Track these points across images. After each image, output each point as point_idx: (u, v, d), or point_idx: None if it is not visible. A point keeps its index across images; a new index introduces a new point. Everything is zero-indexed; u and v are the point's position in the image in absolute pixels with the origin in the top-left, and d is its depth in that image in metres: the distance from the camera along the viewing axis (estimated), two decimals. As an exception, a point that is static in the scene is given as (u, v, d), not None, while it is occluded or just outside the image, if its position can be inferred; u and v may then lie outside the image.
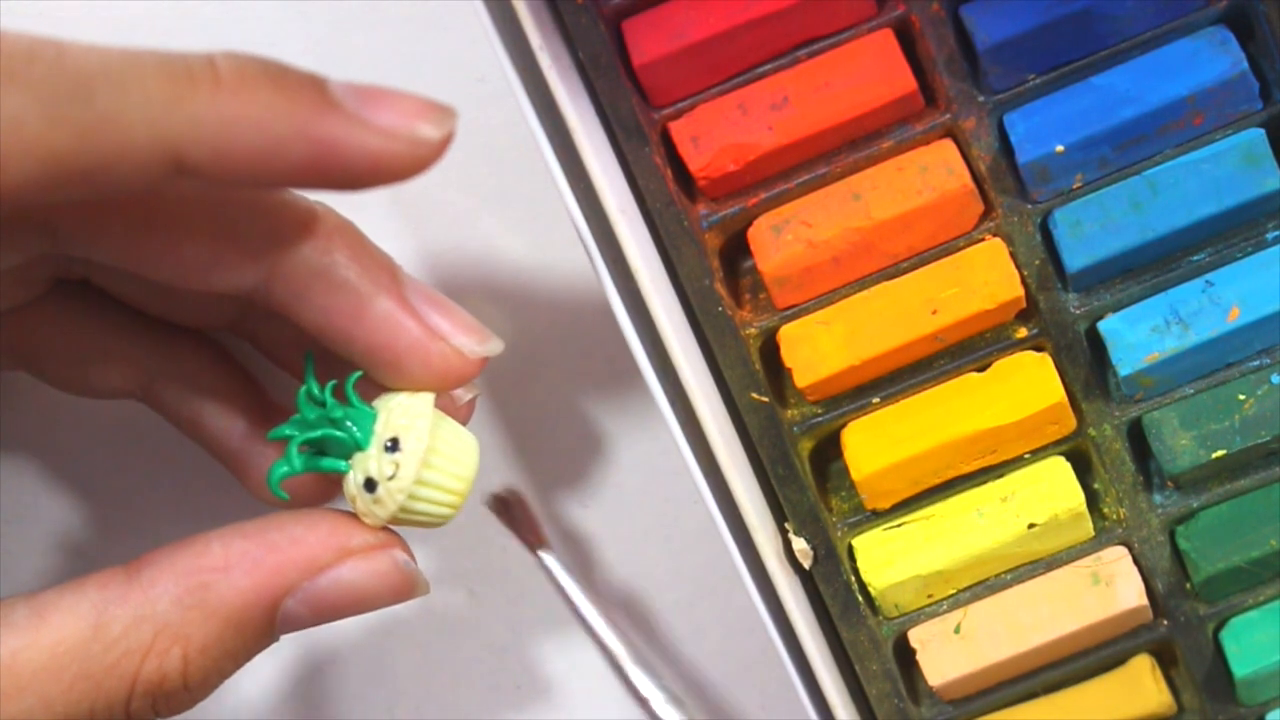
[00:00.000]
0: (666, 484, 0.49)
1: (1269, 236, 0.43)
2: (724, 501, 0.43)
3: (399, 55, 0.47)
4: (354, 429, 0.40)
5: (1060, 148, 0.42)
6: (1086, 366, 0.44)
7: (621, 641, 0.42)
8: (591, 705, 0.49)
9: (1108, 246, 0.43)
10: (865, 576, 0.44)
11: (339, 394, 0.40)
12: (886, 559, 0.44)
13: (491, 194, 0.48)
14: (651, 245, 0.43)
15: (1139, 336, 0.43)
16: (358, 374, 0.40)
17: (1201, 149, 0.43)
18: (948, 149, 0.43)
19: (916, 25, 0.43)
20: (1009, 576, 0.44)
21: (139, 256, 0.39)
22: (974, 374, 0.44)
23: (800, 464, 0.44)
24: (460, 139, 0.37)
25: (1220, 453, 0.43)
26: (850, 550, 0.44)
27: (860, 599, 0.44)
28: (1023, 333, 0.44)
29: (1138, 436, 0.44)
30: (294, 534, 0.39)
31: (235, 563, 0.39)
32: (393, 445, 0.39)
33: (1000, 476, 0.44)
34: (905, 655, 0.45)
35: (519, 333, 0.48)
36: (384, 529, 0.40)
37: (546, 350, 0.48)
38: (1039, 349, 0.44)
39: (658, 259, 0.43)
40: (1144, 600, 0.44)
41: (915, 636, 0.44)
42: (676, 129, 0.43)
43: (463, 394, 0.43)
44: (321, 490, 0.43)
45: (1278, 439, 0.43)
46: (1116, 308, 0.43)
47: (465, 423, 0.43)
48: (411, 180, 0.37)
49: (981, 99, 0.43)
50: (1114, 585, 0.44)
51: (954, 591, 0.44)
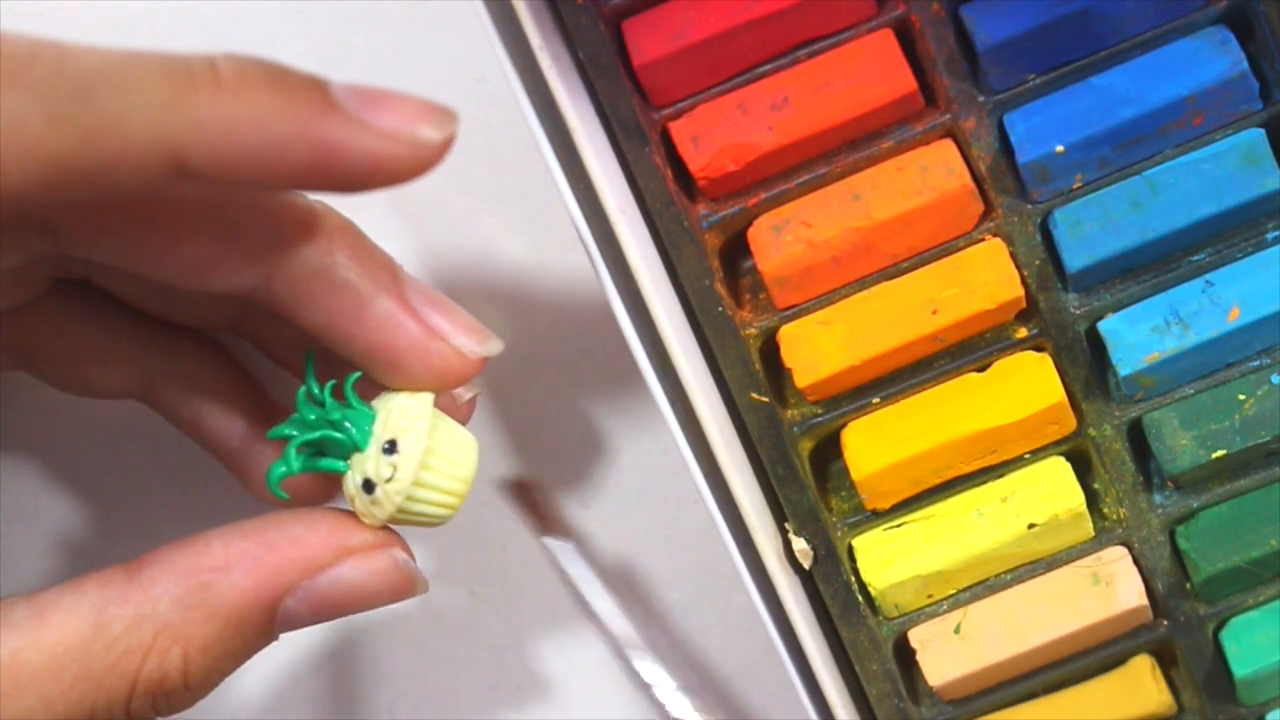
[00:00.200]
0: (666, 484, 0.49)
1: (1269, 236, 0.43)
2: (724, 501, 0.43)
3: (399, 55, 0.47)
4: (352, 430, 0.40)
5: (1060, 148, 0.42)
6: (1086, 366, 0.44)
7: (632, 628, 0.42)
8: (591, 705, 0.49)
9: (1108, 246, 0.43)
10: (865, 576, 0.44)
11: (338, 394, 0.40)
12: (886, 559, 0.44)
13: (491, 194, 0.48)
14: (651, 245, 0.43)
15: (1139, 336, 0.43)
16: (356, 374, 0.40)
17: (1201, 149, 0.43)
18: (948, 149, 0.43)
19: (916, 25, 0.43)
20: (1009, 576, 0.44)
21: (139, 256, 0.39)
22: (974, 374, 0.44)
23: (800, 464, 0.44)
24: (460, 139, 0.37)
25: (1220, 453, 0.43)
26: (850, 550, 0.44)
27: (860, 599, 0.44)
28: (1023, 333, 0.44)
29: (1138, 436, 0.44)
30: (294, 533, 0.39)
31: (235, 562, 0.39)
32: (390, 447, 0.39)
33: (1000, 476, 0.44)
34: (905, 655, 0.45)
35: (519, 333, 0.48)
36: (383, 528, 0.40)
37: (546, 350, 0.48)
38: (1039, 349, 0.44)
39: (658, 259, 0.43)
40: (1144, 600, 0.44)
41: (915, 636, 0.44)
42: (676, 129, 0.43)
43: (463, 393, 0.43)
44: (321, 489, 0.43)
45: (1278, 439, 0.43)
46: (1116, 308, 0.43)
47: (465, 421, 0.43)
48: (412, 182, 0.37)
49: (981, 99, 0.43)
50: (1114, 585, 0.44)
51: (954, 591, 0.44)
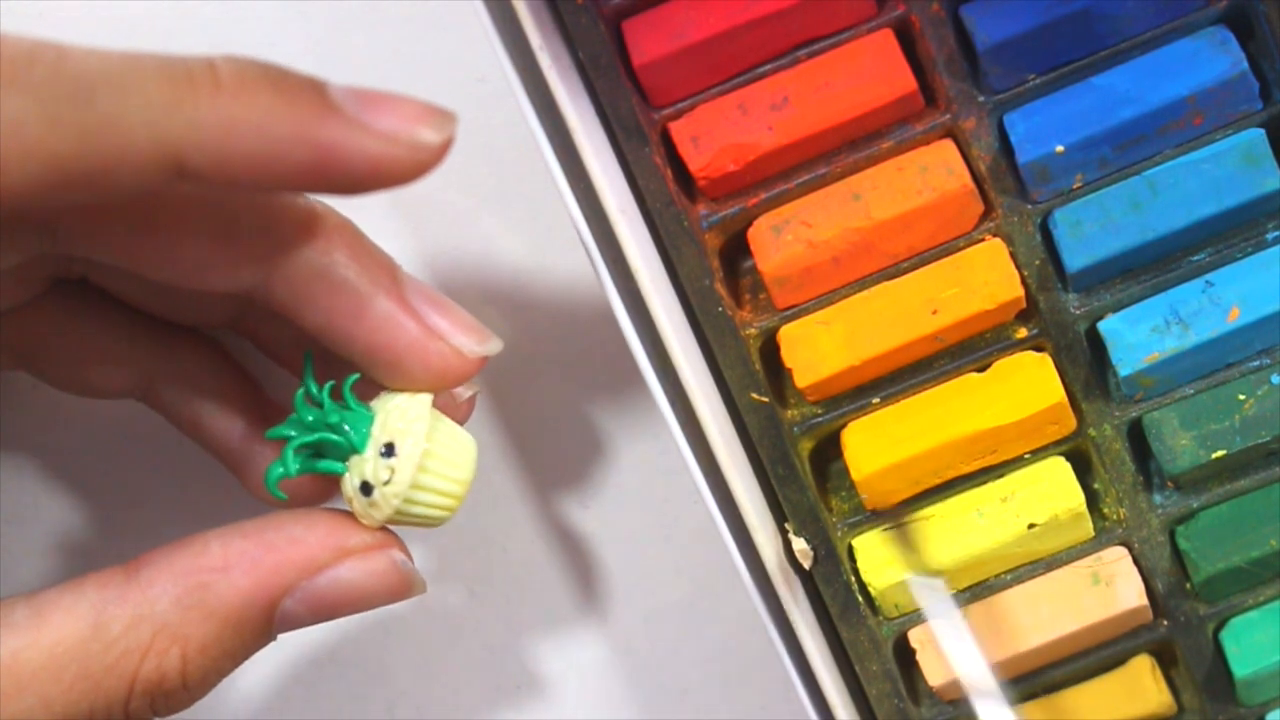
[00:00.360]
0: (666, 484, 0.49)
1: (1269, 236, 0.43)
2: (724, 501, 0.43)
3: (399, 55, 0.47)
4: (350, 432, 0.40)
5: (1060, 148, 0.42)
6: (1086, 366, 0.44)
7: (987, 674, 0.41)
8: (591, 705, 0.49)
9: (1108, 246, 0.43)
10: (865, 577, 0.44)
11: (336, 395, 0.40)
12: (887, 559, 0.44)
13: (491, 194, 0.48)
14: (651, 245, 0.43)
15: (1139, 336, 0.43)
16: (355, 376, 0.40)
17: (1201, 149, 0.43)
18: (948, 149, 0.43)
19: (916, 25, 0.43)
20: (1009, 576, 0.44)
21: (138, 256, 0.39)
22: (974, 374, 0.44)
23: (800, 464, 0.44)
24: (460, 139, 0.37)
25: (1220, 453, 0.43)
26: (850, 550, 0.44)
27: (860, 599, 0.44)
28: (1023, 333, 0.44)
29: (1138, 436, 0.44)
30: (292, 534, 0.39)
31: (234, 562, 0.39)
32: (388, 450, 0.39)
33: (1000, 477, 0.44)
34: (905, 655, 0.45)
35: (519, 333, 0.48)
36: (381, 529, 0.40)
37: (546, 350, 0.48)
38: (1039, 349, 0.44)
39: (658, 259, 0.43)
40: (1144, 600, 0.44)
41: (915, 636, 0.44)
42: (676, 129, 0.43)
43: (462, 391, 0.43)
44: (320, 489, 0.43)
45: (1278, 439, 0.43)
46: (1116, 308, 0.43)
47: (465, 420, 0.43)
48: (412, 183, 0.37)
49: (981, 99, 0.43)
50: (1114, 585, 0.44)
51: (954, 591, 0.44)
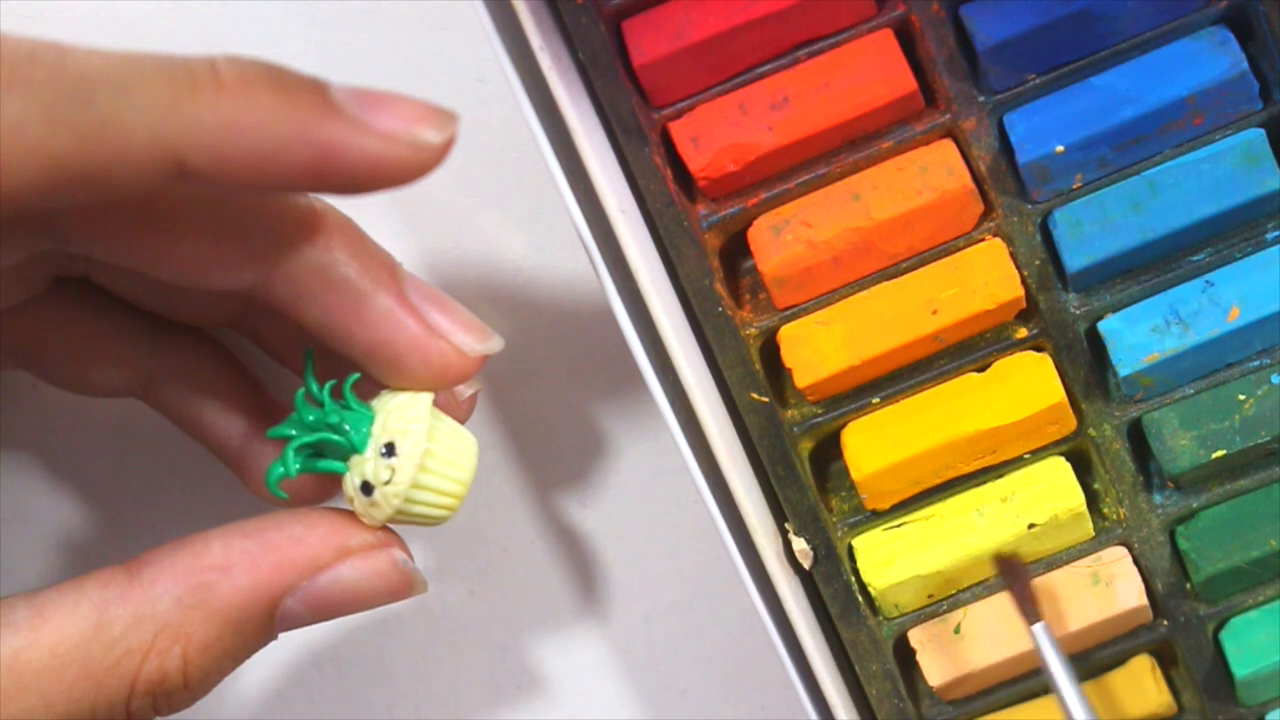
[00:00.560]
0: (666, 484, 0.49)
1: (1269, 236, 0.43)
2: (724, 501, 0.43)
3: (399, 55, 0.47)
4: (350, 432, 0.40)
5: (1060, 148, 0.42)
6: (1086, 366, 0.44)
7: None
8: (591, 705, 0.49)
9: (1108, 247, 0.43)
10: (865, 577, 0.44)
11: (337, 395, 0.40)
12: (886, 559, 0.44)
13: (491, 194, 0.48)
14: (651, 245, 0.43)
15: (1139, 336, 0.43)
16: (356, 376, 0.40)
17: (1201, 149, 0.43)
18: (948, 149, 0.43)
19: (916, 25, 0.43)
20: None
21: (139, 254, 0.39)
22: (974, 374, 0.44)
23: (800, 464, 0.44)
24: (460, 139, 0.37)
25: (1220, 453, 0.43)
26: (850, 550, 0.44)
27: (860, 599, 0.44)
28: (1023, 333, 0.44)
29: (1138, 436, 0.44)
30: (293, 533, 0.39)
31: (235, 562, 0.39)
32: (388, 450, 0.39)
33: (1000, 477, 0.44)
34: (905, 655, 0.45)
35: (519, 333, 0.48)
36: (382, 528, 0.40)
37: (546, 350, 0.48)
38: (1039, 349, 0.44)
39: (658, 259, 0.43)
40: (1144, 600, 0.44)
41: (915, 636, 0.44)
42: (676, 129, 0.43)
43: (464, 389, 0.43)
44: (321, 488, 0.43)
45: (1278, 439, 0.43)
46: (1116, 308, 0.43)
47: (466, 418, 0.43)
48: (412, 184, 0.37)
49: (981, 99, 0.43)
50: (1114, 585, 0.44)
51: (954, 591, 0.44)
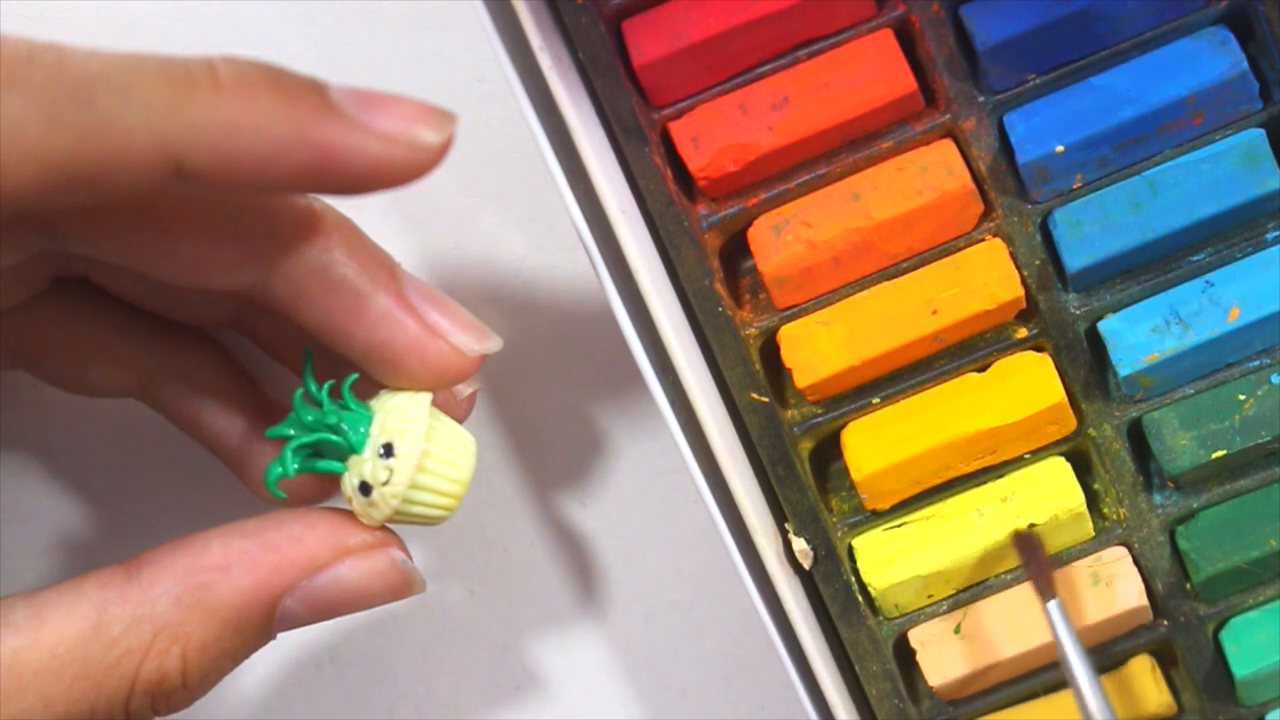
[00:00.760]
0: (666, 484, 0.49)
1: (1269, 236, 0.43)
2: (724, 501, 0.43)
3: (399, 55, 0.47)
4: (349, 433, 0.39)
5: (1060, 148, 0.42)
6: (1086, 367, 0.44)
7: (1105, 704, 0.41)
8: (591, 705, 0.49)
9: (1108, 247, 0.43)
10: (865, 577, 0.44)
11: (336, 395, 0.40)
12: (886, 559, 0.44)
13: (491, 194, 0.48)
14: (651, 245, 0.43)
15: (1139, 337, 0.43)
16: (354, 376, 0.40)
17: (1201, 149, 0.43)
18: (948, 149, 0.43)
19: (916, 25, 0.43)
20: (1009, 577, 0.44)
21: (138, 254, 0.39)
22: (974, 374, 0.44)
23: (800, 464, 0.44)
24: (460, 139, 0.37)
25: (1220, 453, 0.43)
26: (850, 550, 0.44)
27: (860, 599, 0.44)
28: (1023, 333, 0.44)
29: (1138, 437, 0.44)
30: (293, 533, 0.39)
31: (234, 562, 0.39)
32: (387, 451, 0.39)
33: (1000, 477, 0.44)
34: (905, 655, 0.45)
35: (519, 333, 0.48)
36: (381, 528, 0.40)
37: (546, 350, 0.48)
38: (1039, 349, 0.44)
39: (658, 259, 0.43)
40: (1144, 600, 0.44)
41: (915, 636, 0.44)
42: (676, 129, 0.43)
43: (463, 389, 0.43)
44: (320, 488, 0.43)
45: (1278, 439, 0.43)
46: (1116, 308, 0.43)
47: (466, 417, 0.43)
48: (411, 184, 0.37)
49: (981, 99, 0.43)
50: (1114, 585, 0.44)
51: (954, 591, 0.44)
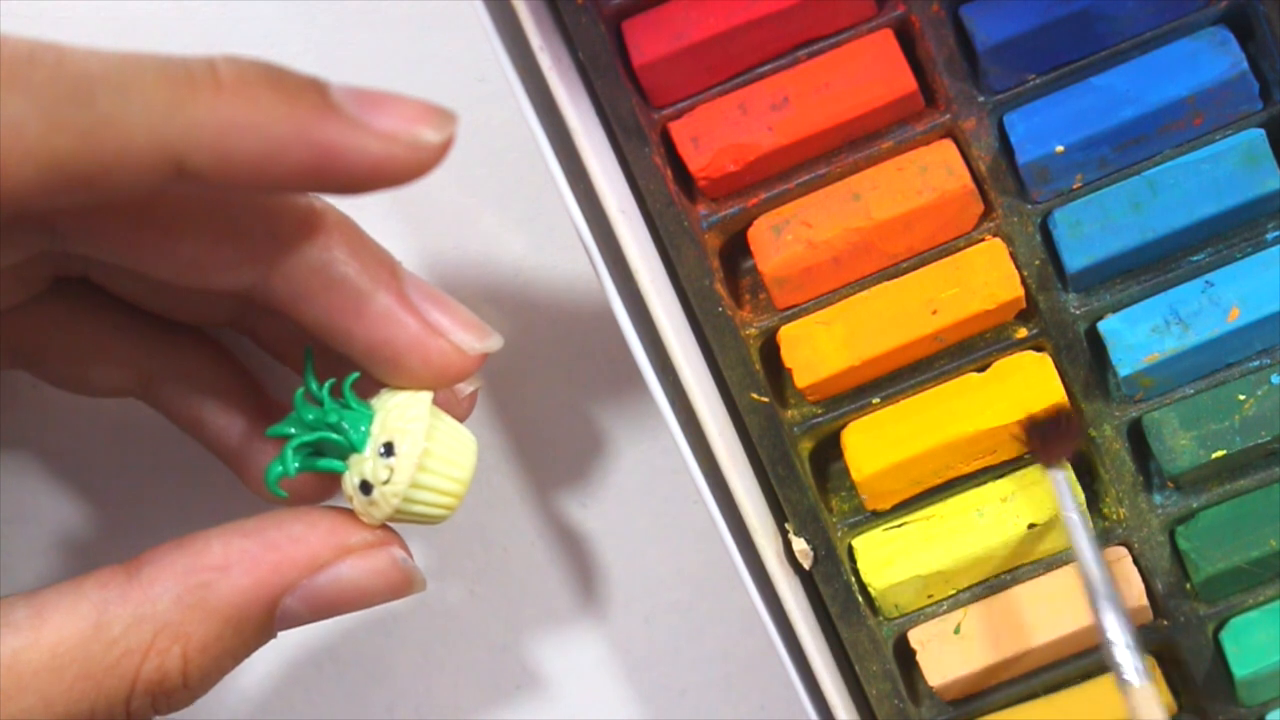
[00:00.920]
0: (666, 484, 0.49)
1: (1269, 236, 0.43)
2: (724, 501, 0.43)
3: (399, 55, 0.47)
4: (350, 432, 0.39)
5: (1060, 148, 0.42)
6: (1086, 367, 0.44)
7: (1105, 579, 0.41)
8: (591, 705, 0.49)
9: (1108, 247, 0.43)
10: (865, 577, 0.44)
11: (337, 393, 0.40)
12: (886, 559, 0.44)
13: (491, 194, 0.48)
14: (651, 245, 0.43)
15: (1139, 337, 0.43)
16: (355, 375, 0.40)
17: (1201, 149, 0.43)
18: (948, 149, 0.43)
19: (916, 25, 0.43)
20: (1009, 576, 0.44)
21: (138, 254, 0.39)
22: (974, 374, 0.44)
23: (800, 464, 0.44)
24: (460, 139, 0.37)
25: (1220, 453, 0.43)
26: (850, 550, 0.44)
27: (860, 599, 0.44)
28: (1023, 333, 0.44)
29: (1138, 437, 0.44)
30: (293, 532, 0.39)
31: (235, 561, 0.39)
32: (387, 450, 0.39)
33: (1000, 477, 0.44)
34: (905, 655, 0.45)
35: (519, 332, 0.48)
36: (382, 527, 0.40)
37: (546, 350, 0.48)
38: (1039, 349, 0.44)
39: (658, 259, 0.43)
40: (1144, 600, 0.44)
41: (915, 637, 0.44)
42: (676, 129, 0.43)
43: (464, 387, 0.43)
44: (321, 487, 0.43)
45: (1278, 439, 0.43)
46: (1116, 308, 0.43)
47: (467, 416, 0.43)
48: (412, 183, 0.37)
49: (981, 99, 0.43)
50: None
51: (954, 591, 0.44)
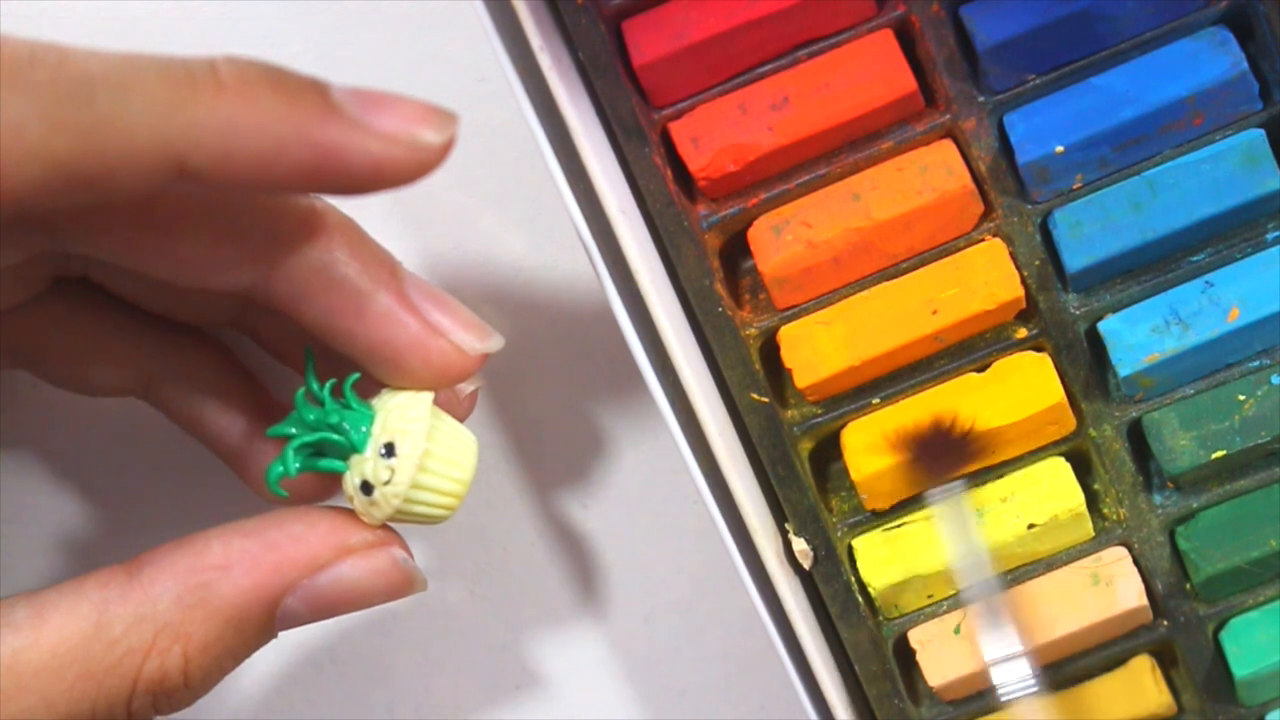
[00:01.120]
0: (666, 484, 0.49)
1: (1269, 237, 0.43)
2: (724, 501, 0.43)
3: (399, 55, 0.47)
4: (350, 432, 0.39)
5: (1060, 148, 0.42)
6: (1086, 367, 0.44)
7: (988, 592, 0.41)
8: (590, 705, 0.49)
9: (1108, 247, 0.43)
10: (865, 577, 0.44)
11: (337, 394, 0.40)
12: (886, 559, 0.44)
13: (491, 194, 0.48)
14: (651, 245, 0.43)
15: (1139, 337, 0.43)
16: (356, 375, 0.40)
17: (1201, 149, 0.43)
18: (948, 149, 0.43)
19: (916, 25, 0.43)
20: (1009, 577, 0.44)
21: (139, 254, 0.39)
22: (974, 374, 0.44)
23: (800, 464, 0.44)
24: (461, 139, 0.37)
25: (1220, 453, 0.43)
26: (850, 550, 0.44)
27: (860, 599, 0.44)
28: (1023, 333, 0.44)
29: (1138, 437, 0.44)
30: (294, 532, 0.39)
31: (235, 561, 0.39)
32: (388, 450, 0.39)
33: (1000, 477, 0.44)
34: (905, 655, 0.45)
35: (519, 332, 0.48)
36: (382, 527, 0.40)
37: (546, 350, 0.48)
38: (1039, 349, 0.44)
39: (658, 259, 0.43)
40: (1144, 601, 0.44)
41: (915, 637, 0.44)
42: (676, 129, 0.43)
43: (465, 387, 0.43)
44: (322, 487, 0.43)
45: (1278, 439, 0.43)
46: (1116, 308, 0.43)
47: (468, 415, 0.43)
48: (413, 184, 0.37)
49: (981, 99, 0.43)
50: (1114, 586, 0.44)
51: (954, 591, 0.44)
